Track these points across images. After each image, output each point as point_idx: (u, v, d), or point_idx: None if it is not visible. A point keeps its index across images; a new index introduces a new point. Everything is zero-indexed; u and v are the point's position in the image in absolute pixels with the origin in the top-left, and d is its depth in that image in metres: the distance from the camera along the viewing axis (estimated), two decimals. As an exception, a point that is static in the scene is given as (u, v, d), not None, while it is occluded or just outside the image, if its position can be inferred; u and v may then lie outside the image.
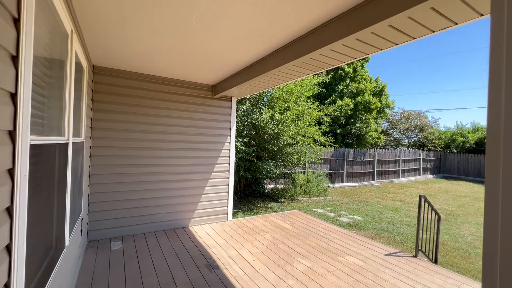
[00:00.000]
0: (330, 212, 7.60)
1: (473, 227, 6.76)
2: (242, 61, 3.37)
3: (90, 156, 3.78)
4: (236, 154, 6.99)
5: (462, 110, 56.00)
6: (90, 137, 3.78)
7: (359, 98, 13.35)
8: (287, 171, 9.91)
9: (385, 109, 15.35)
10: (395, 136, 21.79)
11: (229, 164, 5.01)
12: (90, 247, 3.59)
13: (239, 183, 8.26)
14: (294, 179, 9.89)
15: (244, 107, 7.44)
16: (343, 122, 13.76)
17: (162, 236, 4.12)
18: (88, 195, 3.76)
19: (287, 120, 6.84)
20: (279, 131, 7.00)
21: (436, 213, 3.79)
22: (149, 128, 4.30)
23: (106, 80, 3.93)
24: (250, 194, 8.88)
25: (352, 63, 14.40)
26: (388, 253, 3.70)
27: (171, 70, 3.99)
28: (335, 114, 13.03)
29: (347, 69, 14.00)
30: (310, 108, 7.94)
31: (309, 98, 8.24)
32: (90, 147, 3.77)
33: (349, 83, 14.59)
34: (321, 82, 9.64)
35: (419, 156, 17.50)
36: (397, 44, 2.25)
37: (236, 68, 3.66)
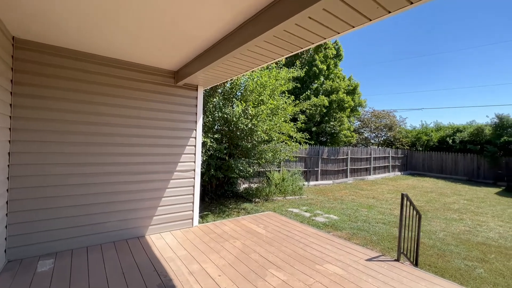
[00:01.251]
0: (305, 211, 7.29)
1: (442, 223, 6.85)
2: (205, 40, 2.80)
3: (9, 153, 2.96)
4: (206, 152, 6.37)
5: (427, 110, 60.19)
6: (9, 129, 2.96)
7: (333, 96, 13.33)
8: (262, 169, 9.48)
9: (357, 108, 15.60)
10: (366, 135, 22.47)
11: (195, 162, 4.40)
12: (7, 270, 2.79)
13: (210, 183, 7.64)
14: (268, 178, 9.49)
15: (215, 100, 6.85)
16: (318, 120, 13.68)
17: (109, 250, 3.40)
18: (7, 203, 2.95)
19: (261, 114, 6.37)
20: (252, 127, 6.50)
21: (417, 212, 3.55)
22: (98, 119, 3.55)
23: (35, 58, 3.12)
24: (222, 194, 8.29)
25: (325, 60, 14.39)
26: (369, 257, 3.37)
27: (121, 50, 3.29)
28: (310, 112, 12.87)
29: (321, 66, 13.93)
30: (286, 102, 7.56)
31: (284, 93, 7.85)
32: (9, 141, 2.95)
33: (323, 81, 14.56)
34: (296, 77, 9.34)
35: (388, 154, 18.13)
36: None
37: (199, 48, 3.08)
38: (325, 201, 8.95)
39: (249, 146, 6.99)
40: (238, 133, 6.96)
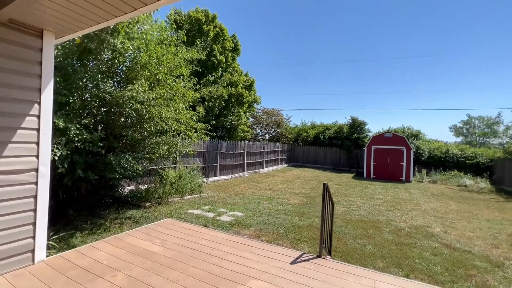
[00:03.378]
0: (208, 212, 6.47)
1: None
2: None
3: None
4: (67, 143, 4.34)
5: (306, 110, 72.66)
6: None
7: (232, 90, 13.08)
8: (154, 167, 7.88)
9: (253, 104, 16.14)
10: (258, 131, 24.02)
11: (37, 157, 2.67)
12: None
13: (77, 188, 5.44)
14: (162, 176, 8.01)
15: (88, 71, 4.86)
16: (217, 113, 13.09)
17: None
18: None
19: (158, 98, 4.98)
20: (145, 112, 5.01)
21: (331, 200, 3.47)
22: None
23: None
24: (97, 202, 6.20)
25: (224, 52, 13.97)
26: (292, 259, 2.97)
27: None
28: (209, 104, 12.07)
29: (220, 57, 13.38)
30: (185, 87, 6.41)
31: (183, 76, 6.66)
32: None
33: (221, 73, 14.09)
34: (197, 60, 8.30)
35: (277, 149, 19.97)
36: None
37: None
38: (227, 197, 8.44)
39: (138, 137, 5.43)
40: (122, 120, 5.26)
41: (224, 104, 12.72)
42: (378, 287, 2.40)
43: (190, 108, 6.70)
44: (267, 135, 24.12)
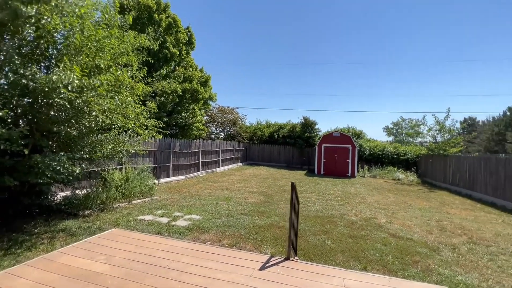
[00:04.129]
0: (162, 217, 5.90)
1: (286, 204, 7.86)
2: None
3: None
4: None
5: (261, 109, 73.81)
6: None
7: (186, 85, 12.33)
8: (95, 168, 6.88)
9: (209, 101, 15.58)
10: (213, 129, 23.40)
11: None
12: None
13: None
14: (106, 179, 7.05)
15: (4, 49, 3.86)
16: (170, 109, 12.18)
17: None
18: None
19: (98, 87, 4.24)
20: (83, 104, 4.23)
21: (297, 199, 3.42)
22: None
23: None
24: (18, 214, 5.08)
25: (177, 44, 13.08)
26: (261, 264, 2.81)
27: None
28: (162, 100, 11.15)
29: (173, 50, 12.48)
30: (134, 77, 5.70)
31: (132, 66, 5.90)
32: None
33: (175, 67, 13.20)
34: (147, 50, 7.50)
35: (233, 147, 19.76)
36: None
37: None
38: (181, 199, 7.89)
39: (74, 134, 4.59)
40: (52, 113, 4.36)
41: (177, 100, 11.91)
42: (348, 285, 2.40)
43: (140, 103, 5.99)
44: (222, 134, 23.68)
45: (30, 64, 4.09)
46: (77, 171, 4.55)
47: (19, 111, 4.26)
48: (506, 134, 38.90)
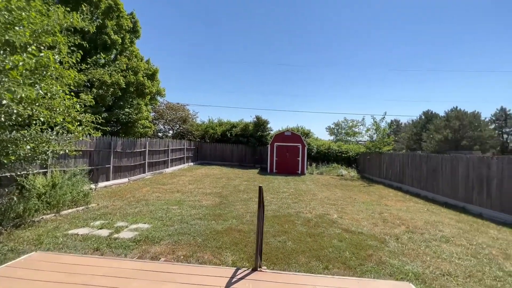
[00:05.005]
0: (100, 228, 5.05)
1: (243, 205, 7.66)
2: None
3: None
4: None
5: (213, 107, 71.59)
6: None
7: (131, 78, 11.00)
8: (7, 174, 5.52)
9: (156, 96, 14.31)
10: (160, 127, 21.76)
11: None
12: None
13: None
14: (23, 186, 5.73)
15: None
16: (110, 104, 10.70)
17: None
18: None
19: (10, 69, 3.27)
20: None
21: (263, 203, 3.22)
22: None
23: None
24: None
25: (120, 31, 11.59)
26: (227, 279, 2.51)
27: None
28: (100, 93, 9.69)
29: (114, 36, 10.99)
30: (64, 63, 4.70)
31: (59, 51, 4.84)
32: None
33: (116, 56, 11.68)
34: (82, 31, 6.32)
35: (184, 146, 18.71)
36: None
37: None
38: (126, 206, 6.97)
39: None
40: None
41: (120, 94, 10.55)
42: (319, 292, 2.30)
43: (73, 94, 4.98)
44: (171, 132, 22.22)
45: None
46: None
47: None
48: (422, 134, 46.31)
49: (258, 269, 2.74)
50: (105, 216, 5.91)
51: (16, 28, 3.53)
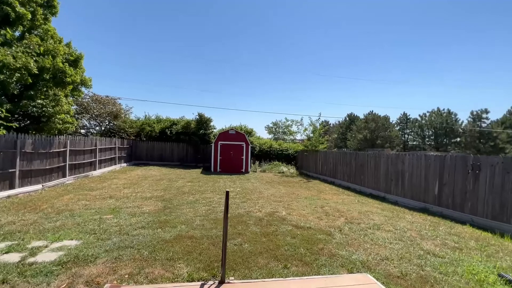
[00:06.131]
0: (6, 253, 3.95)
1: (190, 208, 7.20)
2: None
3: None
4: None
5: (150, 102, 65.17)
6: None
7: (46, 62, 8.99)
8: None
9: (80, 87, 12.17)
10: (84, 122, 18.76)
11: None
12: None
13: None
14: None
15: None
16: (16, 93, 8.51)
17: None
18: None
19: None
20: None
21: (227, 210, 3.01)
22: None
23: None
24: None
25: (29, 4, 9.34)
26: (191, 298, 2.23)
27: None
28: (1, 78, 7.57)
29: (19, 8, 8.76)
30: None
31: None
32: None
33: (24, 33, 9.38)
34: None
35: (115, 145, 16.62)
36: None
37: None
38: (42, 220, 5.68)
39: None
40: None
41: (31, 81, 8.52)
42: (291, 297, 2.27)
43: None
44: (97, 128, 19.42)
45: None
46: None
47: None
48: (346, 134, 52.76)
49: (226, 281, 2.55)
50: (12, 235, 4.67)
51: None
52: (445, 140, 47.35)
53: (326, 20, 69.25)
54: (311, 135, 19.17)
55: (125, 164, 18.07)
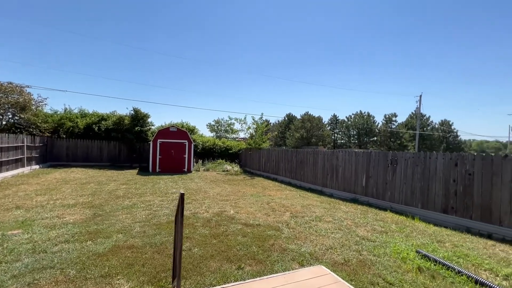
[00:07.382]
0: None
1: (127, 213, 6.41)
2: None
3: None
4: None
5: (71, 93, 54.22)
6: None
7: None
8: None
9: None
10: (-25, 115, 14.75)
11: None
12: None
13: None
14: None
15: None
16: None
17: None
18: None
19: None
20: None
21: (182, 214, 2.72)
22: None
23: None
24: None
25: None
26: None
27: None
28: None
29: None
30: None
31: None
32: None
33: None
34: None
35: (23, 143, 13.63)
36: None
37: None
38: None
39: None
40: None
41: None
42: (252, 300, 2.18)
43: None
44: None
45: None
46: None
47: None
48: (286, 132, 55.95)
49: (179, 292, 2.29)
50: None
51: None
52: (365, 138, 55.09)
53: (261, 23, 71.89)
54: (254, 133, 19.57)
55: (37, 166, 15.01)
